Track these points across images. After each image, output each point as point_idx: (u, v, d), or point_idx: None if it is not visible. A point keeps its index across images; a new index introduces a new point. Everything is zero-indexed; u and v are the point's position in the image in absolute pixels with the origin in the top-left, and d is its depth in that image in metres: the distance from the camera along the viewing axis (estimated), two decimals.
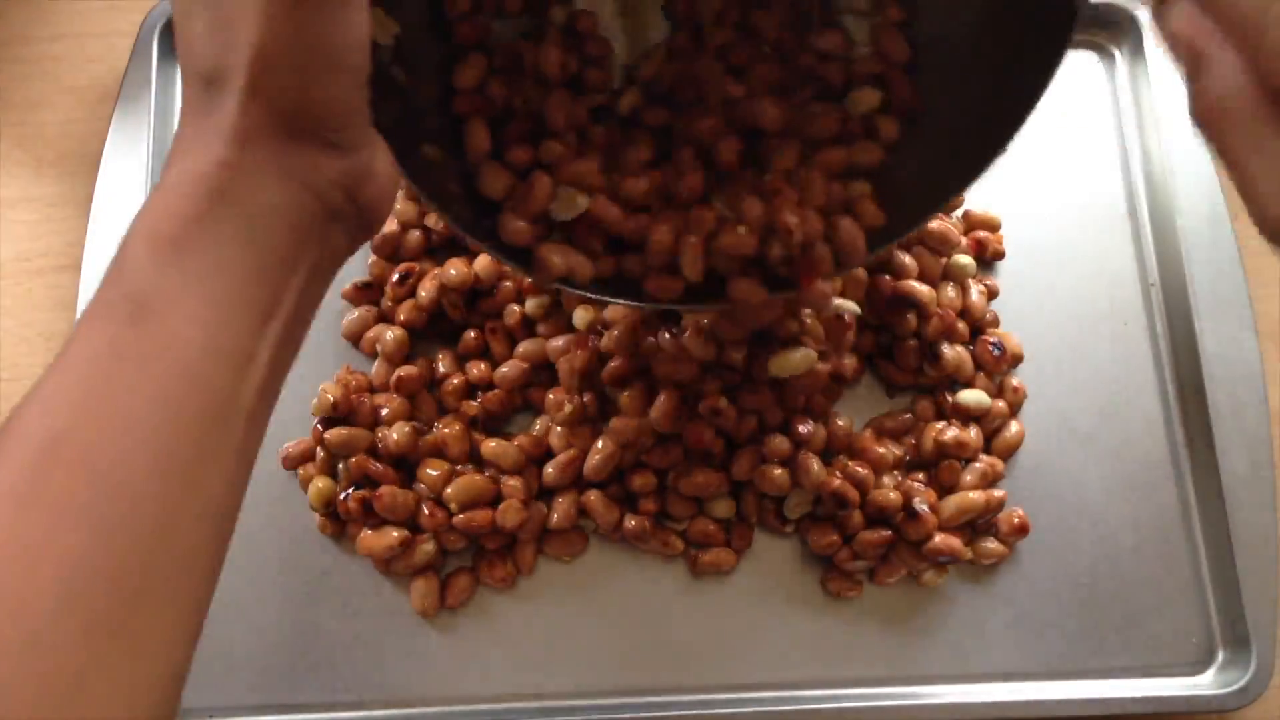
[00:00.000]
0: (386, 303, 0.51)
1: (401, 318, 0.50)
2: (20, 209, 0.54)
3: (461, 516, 0.46)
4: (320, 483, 0.48)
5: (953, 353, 0.50)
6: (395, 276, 0.50)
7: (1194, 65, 0.30)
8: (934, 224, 0.51)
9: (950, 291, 0.51)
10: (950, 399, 0.50)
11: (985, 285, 0.52)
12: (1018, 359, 0.52)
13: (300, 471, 0.49)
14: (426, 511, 0.46)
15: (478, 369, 0.50)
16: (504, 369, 0.49)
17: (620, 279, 0.41)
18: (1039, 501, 0.50)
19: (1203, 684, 0.47)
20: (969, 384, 0.51)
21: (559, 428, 0.48)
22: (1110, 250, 0.54)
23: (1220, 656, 0.48)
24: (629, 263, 0.41)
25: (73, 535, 0.24)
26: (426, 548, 0.47)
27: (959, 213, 0.54)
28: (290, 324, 0.30)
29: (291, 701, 0.46)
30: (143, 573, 0.25)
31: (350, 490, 0.47)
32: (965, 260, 0.52)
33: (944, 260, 0.51)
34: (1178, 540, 0.50)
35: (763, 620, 0.48)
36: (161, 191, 0.28)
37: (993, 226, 0.53)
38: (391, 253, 0.52)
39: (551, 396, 0.48)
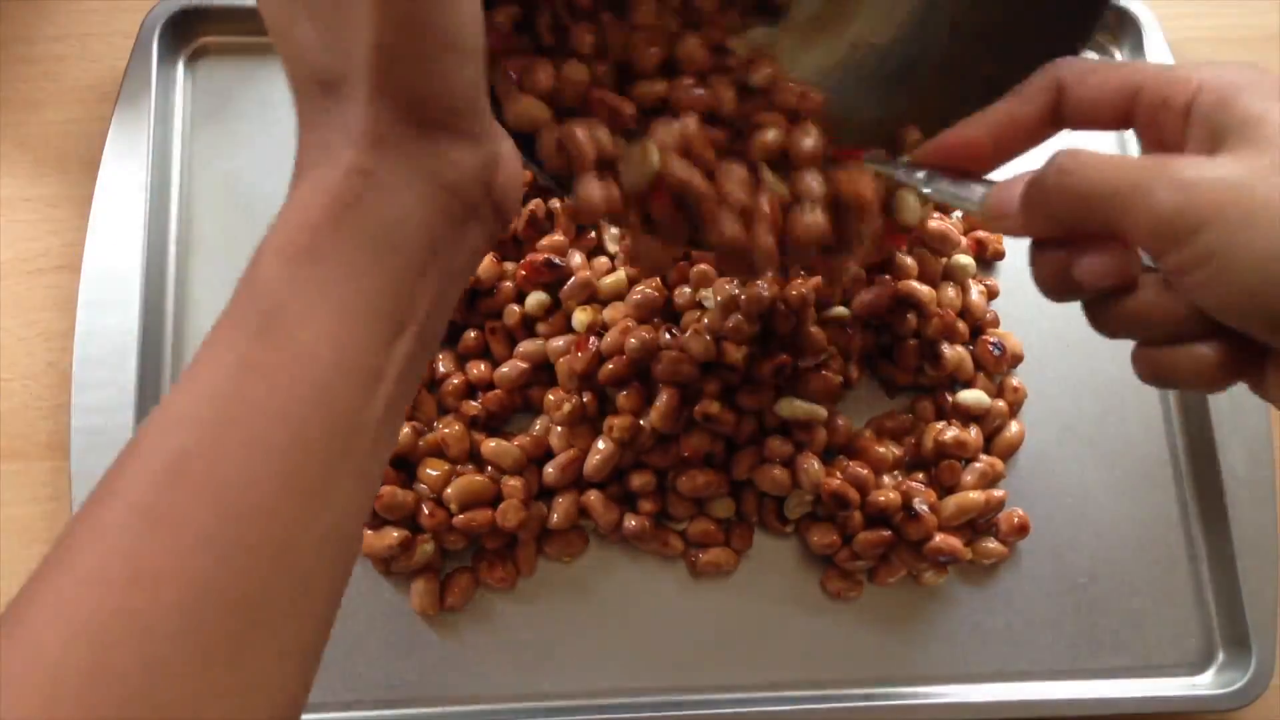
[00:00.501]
0: None
1: None
2: (20, 209, 0.54)
3: (461, 516, 0.46)
4: None
5: (953, 353, 0.50)
6: None
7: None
8: (934, 224, 0.51)
9: (950, 291, 0.51)
10: (950, 399, 0.50)
11: (985, 285, 0.52)
12: (1018, 359, 0.52)
13: None
14: (426, 511, 0.46)
15: (478, 369, 0.49)
16: (504, 369, 0.49)
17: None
18: (1039, 501, 0.50)
19: (1203, 684, 0.47)
20: (969, 384, 0.51)
21: (559, 428, 0.48)
22: None
23: (1220, 656, 0.48)
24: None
25: (196, 558, 0.23)
26: (426, 548, 0.47)
27: (959, 213, 0.54)
28: (422, 333, 0.29)
29: None
30: (262, 599, 0.24)
31: None
32: (965, 260, 0.52)
33: (944, 260, 0.51)
34: (1178, 540, 0.50)
35: (763, 620, 0.48)
36: (292, 205, 0.27)
37: None
38: None
39: (551, 396, 0.48)
